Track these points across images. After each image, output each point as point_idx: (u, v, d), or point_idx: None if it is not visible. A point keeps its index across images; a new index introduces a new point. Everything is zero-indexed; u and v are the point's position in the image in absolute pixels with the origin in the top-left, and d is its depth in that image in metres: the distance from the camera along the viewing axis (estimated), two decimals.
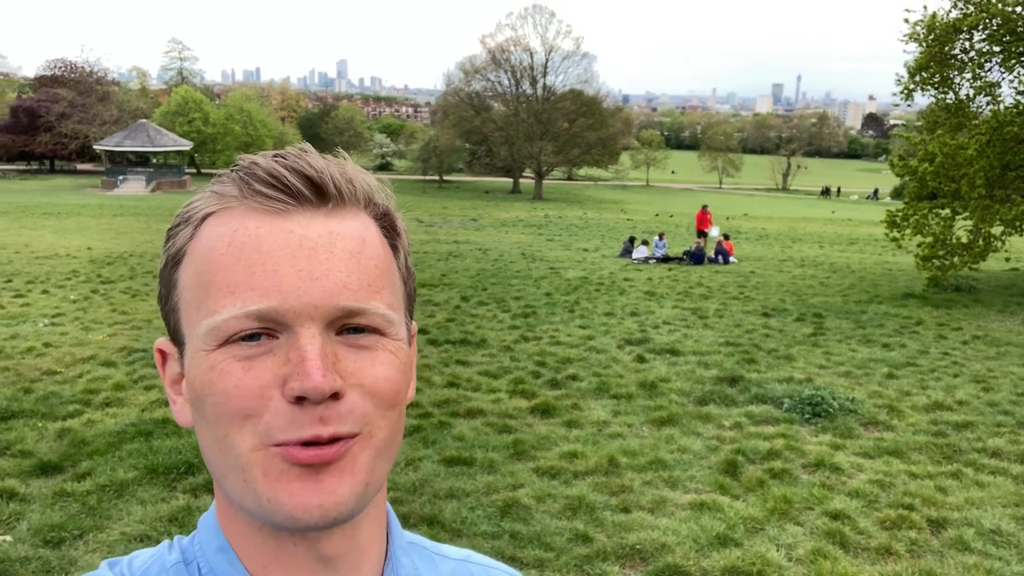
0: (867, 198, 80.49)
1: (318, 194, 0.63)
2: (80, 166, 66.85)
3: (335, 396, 0.59)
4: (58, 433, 6.06)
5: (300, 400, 0.58)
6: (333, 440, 0.60)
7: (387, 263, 0.66)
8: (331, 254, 0.62)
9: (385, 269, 0.66)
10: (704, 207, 26.95)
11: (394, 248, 0.69)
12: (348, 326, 0.62)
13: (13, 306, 11.79)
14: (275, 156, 0.64)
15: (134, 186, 50.08)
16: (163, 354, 0.70)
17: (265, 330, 0.60)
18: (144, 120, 56.32)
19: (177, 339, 0.66)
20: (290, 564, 0.66)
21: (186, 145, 55.25)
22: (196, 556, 0.68)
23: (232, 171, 0.65)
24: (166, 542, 0.71)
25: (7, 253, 18.57)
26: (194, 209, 0.66)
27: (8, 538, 4.37)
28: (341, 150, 0.69)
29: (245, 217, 0.62)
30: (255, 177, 0.63)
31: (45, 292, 13.18)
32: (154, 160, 55.01)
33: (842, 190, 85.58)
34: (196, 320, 0.62)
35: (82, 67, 66.67)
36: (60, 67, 66.66)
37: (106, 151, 52.87)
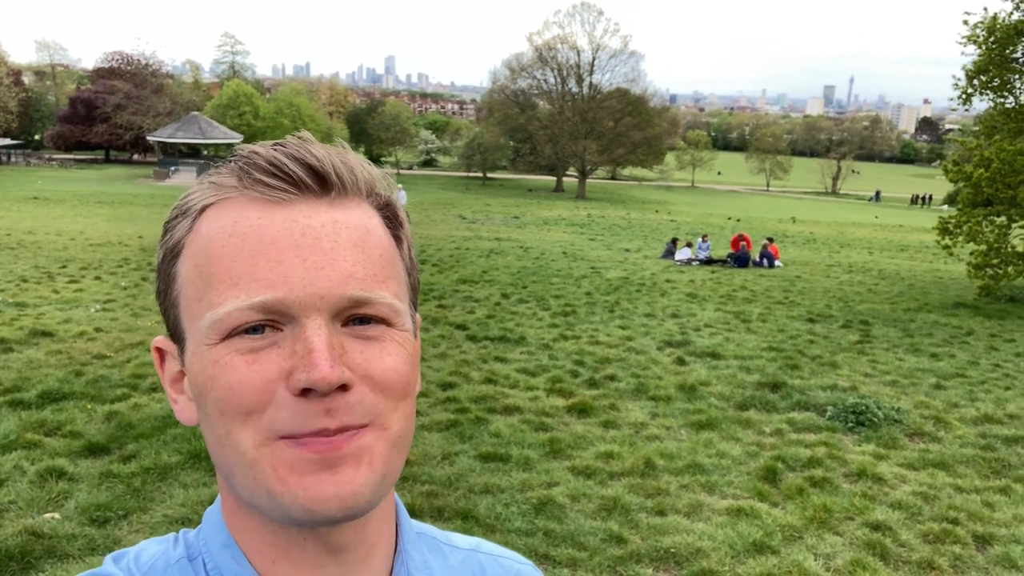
0: (869, 200, 78.28)
1: (320, 183, 0.61)
2: (134, 156, 68.47)
3: (343, 388, 0.58)
4: (106, 416, 6.21)
5: (306, 393, 0.57)
6: (342, 431, 0.59)
7: (392, 253, 0.65)
8: (335, 243, 0.60)
9: (390, 259, 0.64)
10: (741, 234, 22.75)
11: (397, 239, 0.67)
12: (354, 316, 0.60)
13: (67, 291, 12.12)
14: (275, 145, 0.62)
15: (185, 177, 51.13)
16: (161, 352, 0.68)
17: (269, 322, 0.58)
18: (196, 112, 57.48)
19: (177, 335, 0.65)
20: (299, 559, 0.65)
21: (236, 138, 56.20)
22: (201, 551, 0.67)
23: (231, 161, 0.63)
24: (172, 535, 0.70)
25: (63, 240, 19.11)
26: (191, 201, 0.64)
27: (56, 516, 4.50)
28: (340, 140, 0.67)
29: (245, 208, 0.61)
30: (255, 166, 0.61)
31: (98, 278, 13.53)
32: (205, 152, 56.14)
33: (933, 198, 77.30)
34: (197, 314, 0.60)
35: (138, 60, 68.24)
36: (117, 59, 68.29)
37: (159, 142, 54.11)
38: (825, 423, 7.00)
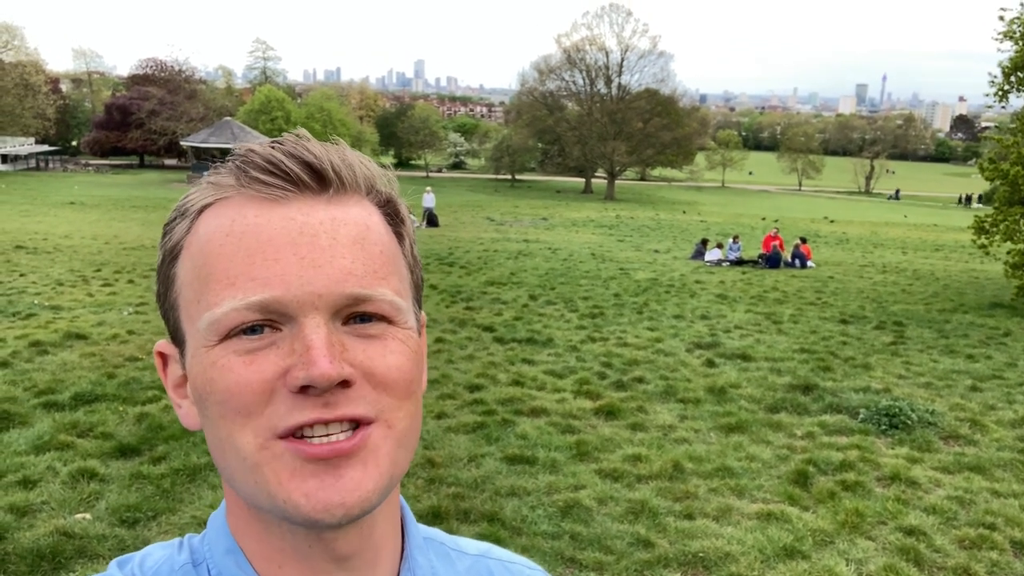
0: (888, 198, 77.24)
1: (318, 180, 0.61)
2: (167, 161, 69.58)
3: (344, 384, 0.57)
4: (137, 417, 6.29)
5: (305, 390, 0.56)
6: (344, 425, 0.57)
7: (392, 250, 0.64)
8: (334, 240, 0.59)
9: (391, 256, 0.63)
10: (776, 231, 23.12)
11: (399, 236, 0.66)
12: (354, 315, 0.59)
13: (101, 294, 12.33)
14: (273, 143, 0.62)
15: None
16: (163, 357, 0.67)
17: (268, 322, 0.57)
18: (229, 118, 58.18)
19: (178, 338, 0.64)
20: (304, 565, 0.64)
21: None
22: (205, 557, 0.66)
23: (229, 160, 0.63)
24: (177, 540, 0.70)
25: (98, 244, 19.45)
26: (190, 202, 0.63)
27: (88, 516, 4.56)
28: (338, 138, 0.66)
29: (243, 206, 0.60)
30: (252, 165, 0.60)
31: (131, 282, 13.74)
32: None
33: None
34: (196, 315, 0.60)
35: (171, 66, 69.38)
36: (151, 66, 69.53)
37: (192, 147, 54.85)
38: (858, 426, 6.89)
